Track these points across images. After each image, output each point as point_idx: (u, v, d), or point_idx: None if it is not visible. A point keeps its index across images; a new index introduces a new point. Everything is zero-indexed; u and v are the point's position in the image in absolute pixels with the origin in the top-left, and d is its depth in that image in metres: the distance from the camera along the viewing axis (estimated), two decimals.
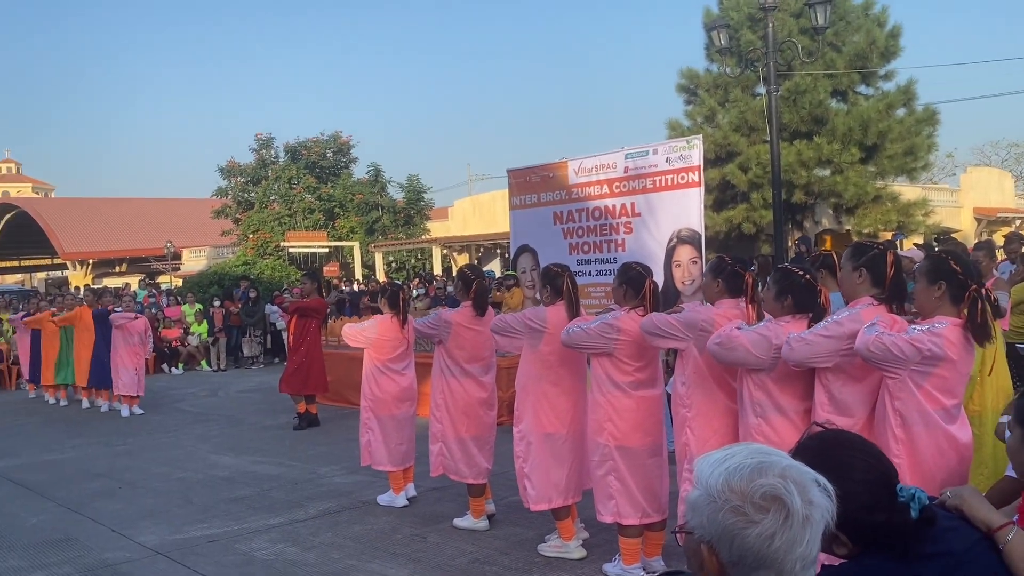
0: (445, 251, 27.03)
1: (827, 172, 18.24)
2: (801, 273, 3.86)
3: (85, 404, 12.32)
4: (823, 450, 1.73)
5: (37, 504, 6.83)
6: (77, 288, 20.38)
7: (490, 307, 5.90)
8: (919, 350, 3.16)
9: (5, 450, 9.23)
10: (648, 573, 4.52)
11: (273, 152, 29.35)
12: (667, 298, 7.29)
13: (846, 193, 17.74)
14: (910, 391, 3.22)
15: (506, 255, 20.81)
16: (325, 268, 24.99)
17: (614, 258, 8.27)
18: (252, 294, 17.57)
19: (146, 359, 12.41)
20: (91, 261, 43.02)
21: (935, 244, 13.09)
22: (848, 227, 19.30)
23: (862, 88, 19.04)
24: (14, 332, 15.09)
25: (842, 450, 1.75)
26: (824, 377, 3.55)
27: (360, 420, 6.50)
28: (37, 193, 73.62)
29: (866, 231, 17.95)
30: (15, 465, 8.40)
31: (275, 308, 16.75)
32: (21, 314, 13.75)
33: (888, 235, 17.46)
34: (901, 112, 18.32)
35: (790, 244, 14.80)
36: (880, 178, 18.74)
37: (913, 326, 3.29)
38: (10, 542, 5.83)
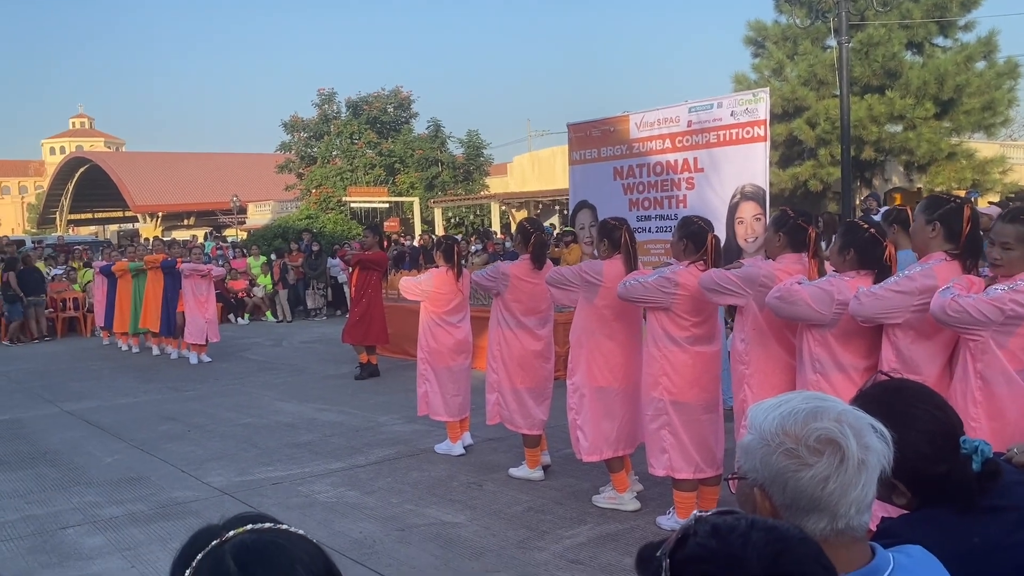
0: (504, 207, 26.99)
1: (899, 128, 17.62)
2: (866, 227, 3.76)
3: (155, 351, 12.76)
4: (885, 399, 1.69)
5: (112, 444, 7.14)
6: (147, 240, 20.97)
7: (548, 261, 5.90)
8: (1001, 311, 3.05)
9: (82, 393, 9.65)
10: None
11: (335, 107, 29.55)
12: (729, 255, 7.19)
13: (918, 150, 17.14)
14: (993, 352, 3.11)
15: (565, 211, 20.69)
16: (385, 223, 25.22)
17: (675, 214, 8.15)
18: (315, 247, 17.86)
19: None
20: (160, 214, 44.30)
21: (1010, 202, 12.58)
22: (919, 185, 18.69)
23: (939, 40, 18.25)
24: (90, 281, 15.64)
25: (904, 399, 1.71)
26: (892, 334, 3.46)
27: (417, 371, 6.61)
28: (109, 147, 75.67)
29: (938, 189, 17.35)
30: (91, 408, 8.77)
31: (336, 261, 17.03)
32: (102, 262, 14.22)
33: (962, 193, 16.86)
34: (981, 65, 17.53)
35: (857, 202, 14.40)
36: (955, 134, 18.03)
37: (994, 286, 3.17)
38: (87, 479, 6.12)
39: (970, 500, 1.67)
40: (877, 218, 9.06)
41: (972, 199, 14.73)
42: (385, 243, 11.78)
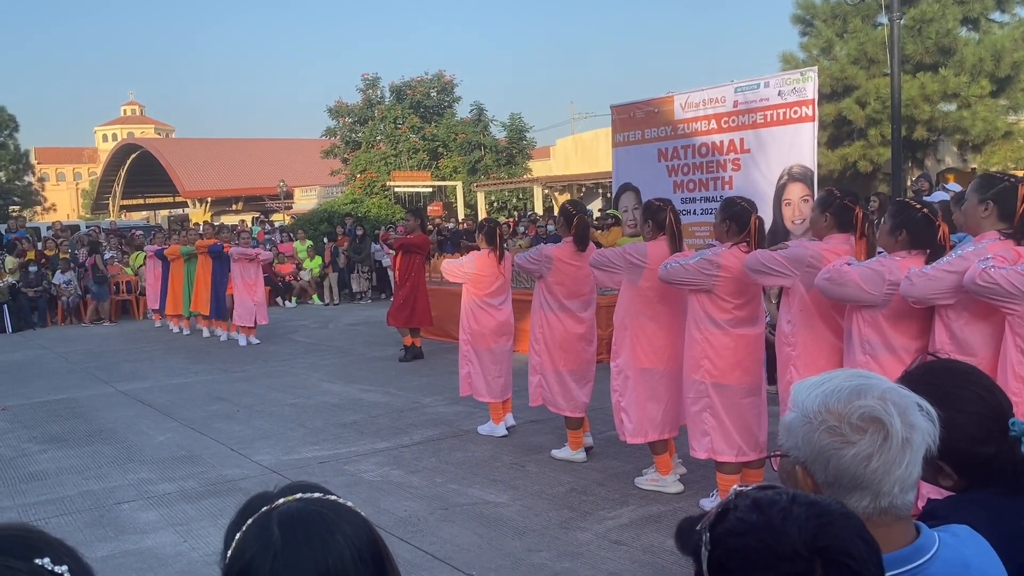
0: (547, 191, 26.92)
1: (953, 107, 17.12)
2: (918, 207, 3.69)
3: (205, 333, 13.03)
4: (931, 379, 1.66)
5: (164, 423, 7.32)
6: (197, 224, 21.38)
7: (591, 243, 5.88)
8: None
9: (135, 374, 9.90)
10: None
11: (379, 92, 29.67)
12: (776, 237, 7.10)
13: (973, 129, 16.64)
14: None
15: (608, 195, 20.55)
16: (429, 207, 25.32)
17: (720, 196, 8.07)
18: (359, 232, 18.03)
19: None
20: (209, 199, 45.04)
21: None
22: (974, 165, 18.18)
23: (996, 15, 17.67)
24: (142, 264, 16.01)
25: (951, 380, 1.68)
26: (945, 315, 3.40)
27: (460, 353, 6.65)
28: (159, 134, 77.07)
29: (994, 170, 16.86)
30: (144, 388, 9.00)
31: (377, 247, 17.18)
32: (156, 246, 14.52)
33: (1020, 173, 16.35)
34: None
35: (908, 183, 14.07)
36: (1013, 112, 17.48)
37: None
38: (141, 457, 6.30)
39: (1018, 483, 1.64)
40: (932, 198, 8.86)
41: None
42: (428, 227, 11.75)
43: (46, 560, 0.84)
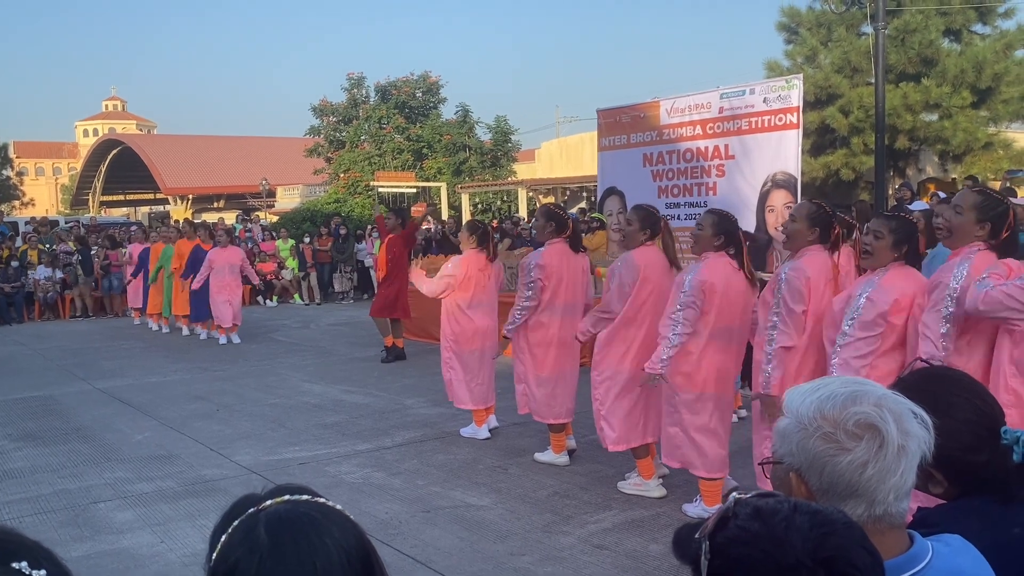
0: (531, 194, 26.90)
1: (935, 117, 17.30)
2: (916, 219, 3.72)
3: (185, 332, 12.89)
4: (925, 386, 1.66)
5: (142, 422, 7.23)
6: (177, 221, 21.22)
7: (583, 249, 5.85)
8: None
9: (113, 372, 9.78)
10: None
11: (364, 92, 29.55)
12: (758, 246, 7.13)
13: (954, 139, 16.81)
14: None
15: (593, 198, 20.59)
16: (412, 208, 25.21)
17: (704, 202, 8.10)
18: (343, 231, 17.95)
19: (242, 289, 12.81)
20: (191, 196, 44.69)
21: None
22: (954, 175, 18.37)
23: (978, 27, 17.87)
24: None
25: (944, 387, 1.68)
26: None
27: (441, 359, 6.59)
28: (141, 130, 76.39)
29: (975, 180, 17.02)
30: (122, 386, 8.89)
31: (361, 246, 17.08)
32: (140, 245, 14.31)
33: (996, 185, 16.50)
34: (1020, 53, 17.17)
35: (890, 192, 14.17)
36: (993, 124, 17.68)
37: None
38: (118, 456, 6.21)
39: (1008, 491, 1.64)
40: (913, 207, 8.93)
41: (1014, 176, 14.40)
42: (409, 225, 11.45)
43: (23, 564, 0.81)
